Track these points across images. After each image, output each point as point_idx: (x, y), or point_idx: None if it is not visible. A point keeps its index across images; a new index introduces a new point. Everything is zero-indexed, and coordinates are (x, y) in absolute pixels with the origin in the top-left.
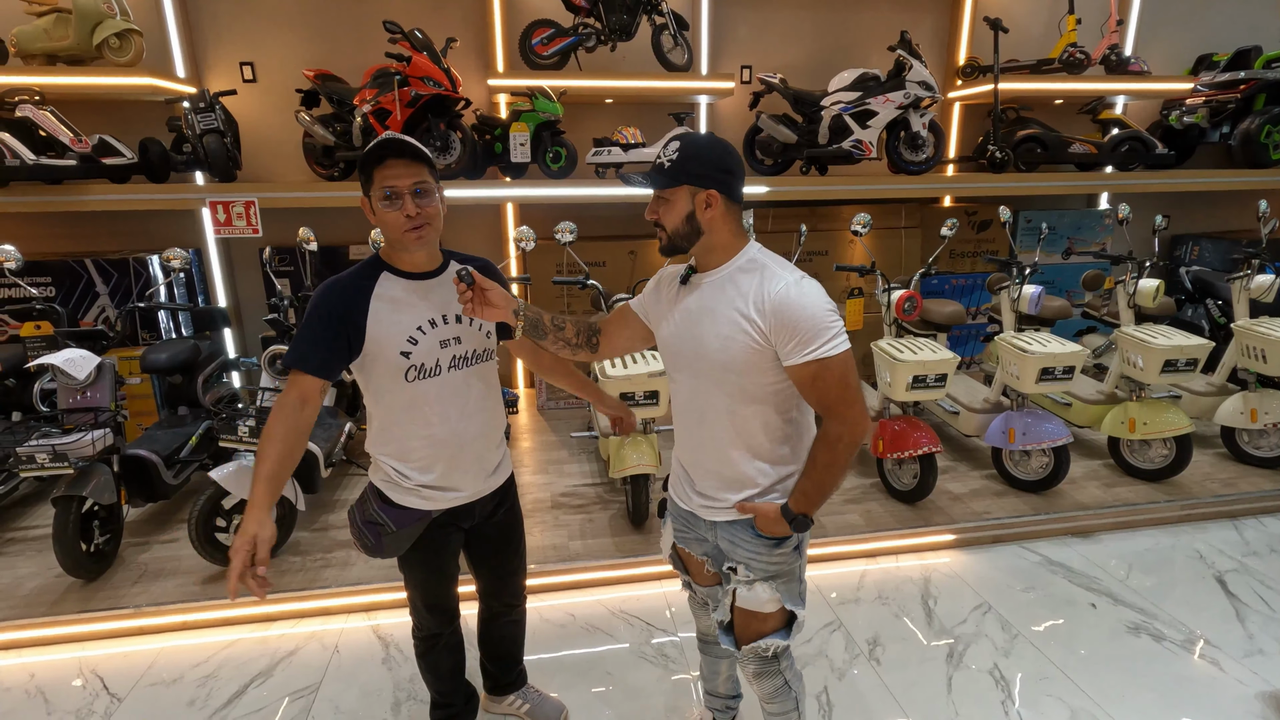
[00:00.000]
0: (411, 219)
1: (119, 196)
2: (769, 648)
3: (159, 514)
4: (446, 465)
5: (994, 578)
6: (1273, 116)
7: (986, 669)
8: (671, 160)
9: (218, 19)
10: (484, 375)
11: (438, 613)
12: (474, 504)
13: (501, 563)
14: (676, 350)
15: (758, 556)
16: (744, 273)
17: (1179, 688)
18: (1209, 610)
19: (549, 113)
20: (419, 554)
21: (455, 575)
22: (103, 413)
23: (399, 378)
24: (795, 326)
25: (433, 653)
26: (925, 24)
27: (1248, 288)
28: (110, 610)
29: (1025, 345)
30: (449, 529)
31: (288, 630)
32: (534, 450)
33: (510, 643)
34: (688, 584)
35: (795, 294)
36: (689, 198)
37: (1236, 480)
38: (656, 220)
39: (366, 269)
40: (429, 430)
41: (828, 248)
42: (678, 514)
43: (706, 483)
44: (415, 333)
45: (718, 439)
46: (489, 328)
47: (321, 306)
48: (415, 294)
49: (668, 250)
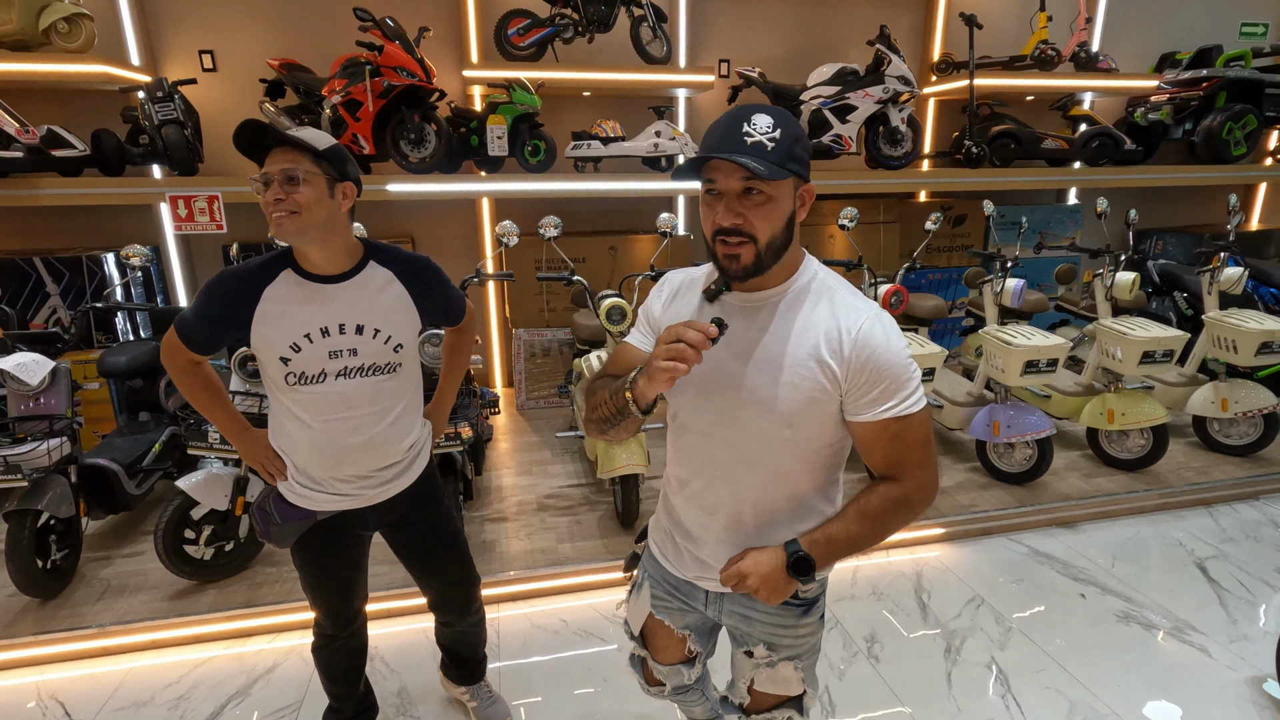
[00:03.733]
0: (279, 203)
1: (70, 191)
2: (781, 717)
3: (120, 526)
4: (325, 471)
5: (984, 570)
6: (1234, 114)
7: (984, 663)
8: (776, 141)
9: (175, 4)
10: (382, 388)
11: (329, 614)
12: (365, 511)
13: (437, 568)
14: (702, 387)
15: (783, 632)
16: (810, 295)
17: (1171, 675)
18: (1193, 597)
19: (527, 105)
20: (308, 553)
21: (352, 581)
22: (58, 420)
23: (281, 379)
24: (880, 375)
25: (326, 650)
26: (902, 19)
27: (1217, 280)
28: (71, 630)
29: (1009, 339)
30: (341, 534)
31: (265, 646)
32: (515, 451)
33: (464, 646)
34: (640, 661)
35: (881, 334)
36: (792, 194)
37: (1209, 469)
38: (739, 226)
39: (268, 265)
40: (307, 434)
41: (808, 242)
42: (661, 579)
43: (720, 551)
44: (300, 340)
45: (751, 507)
46: (398, 341)
47: (212, 295)
48: (309, 298)
49: (749, 272)
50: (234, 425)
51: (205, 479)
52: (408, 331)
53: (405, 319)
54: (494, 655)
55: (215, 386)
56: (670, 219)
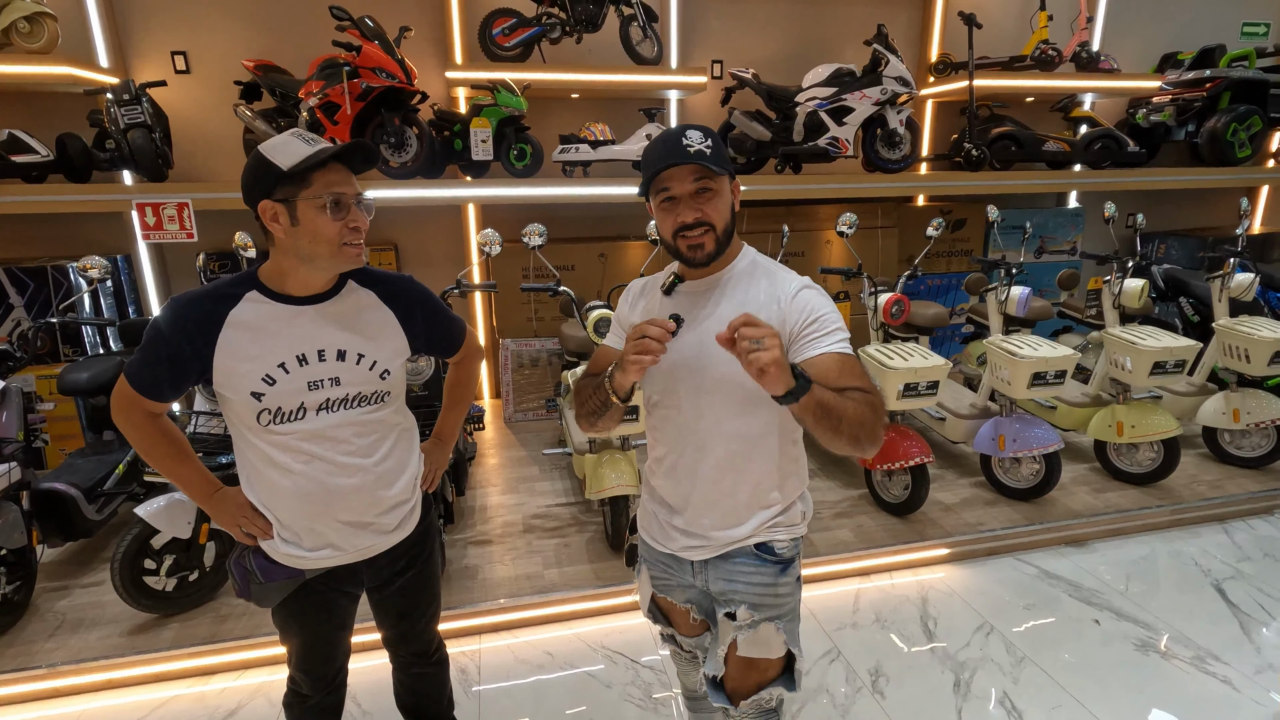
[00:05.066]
0: (357, 232)
1: (34, 198)
2: (772, 698)
3: (79, 554)
4: (311, 520)
5: (993, 593)
6: (1238, 115)
7: (997, 698)
8: (710, 148)
9: (146, 4)
10: (369, 421)
11: (310, 678)
12: (360, 565)
13: (407, 628)
14: (671, 367)
15: (761, 590)
16: (750, 275)
17: (1196, 710)
18: (1212, 623)
19: (512, 107)
20: (292, 616)
21: (338, 644)
22: (8, 444)
23: (251, 419)
24: (819, 318)
25: (298, 709)
26: (899, 19)
27: (1228, 286)
28: (21, 671)
29: (1016, 349)
30: (330, 594)
31: (230, 684)
32: (502, 467)
33: (428, 698)
34: (670, 637)
35: (811, 294)
36: (729, 188)
37: (1223, 482)
38: (700, 219)
39: (229, 287)
40: (289, 480)
41: (804, 249)
42: (655, 560)
43: (697, 519)
44: (275, 370)
45: (722, 463)
46: (384, 367)
47: (164, 328)
48: (285, 322)
49: (711, 258)
50: (205, 486)
51: (167, 505)
52: (395, 357)
53: (391, 343)
54: (474, 698)
55: (179, 441)
56: None
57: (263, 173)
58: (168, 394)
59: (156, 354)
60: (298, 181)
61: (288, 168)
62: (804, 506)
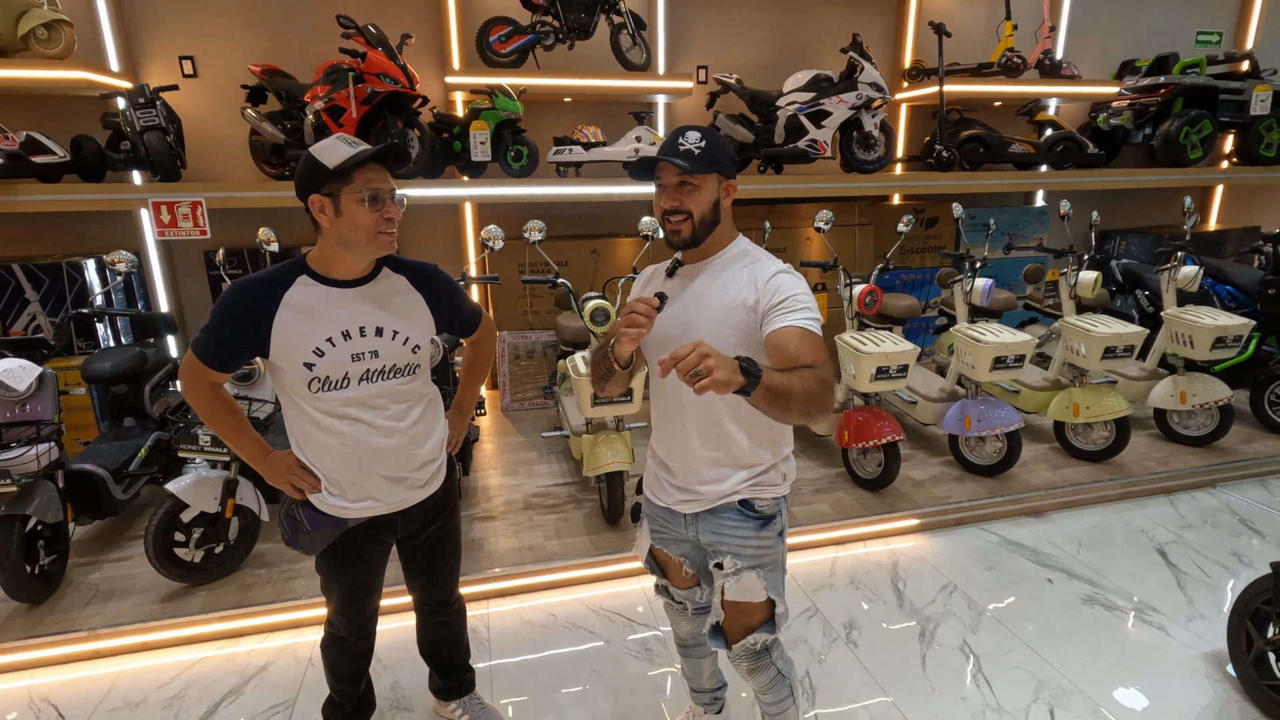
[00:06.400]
0: (391, 222)
1: (53, 197)
2: (758, 642)
3: (106, 532)
4: (355, 476)
5: (957, 559)
6: (1190, 119)
7: (956, 646)
8: (700, 148)
9: (155, 11)
10: (403, 390)
11: (348, 620)
12: (395, 516)
13: (433, 576)
14: (664, 338)
15: (744, 542)
16: (737, 261)
17: (1132, 653)
18: (1153, 580)
19: (510, 111)
20: (334, 562)
21: (373, 590)
22: (46, 426)
23: (303, 388)
24: (788, 298)
25: (335, 650)
26: (875, 27)
27: (1175, 278)
28: (63, 634)
29: (979, 336)
30: (369, 543)
31: (257, 645)
32: (501, 452)
33: (448, 647)
34: (664, 588)
35: (785, 277)
36: (716, 185)
37: (1170, 459)
38: (678, 208)
39: (282, 273)
40: (336, 440)
41: (785, 245)
42: (654, 514)
43: (687, 475)
44: (323, 344)
45: (701, 425)
46: (415, 343)
47: (228, 308)
48: (331, 303)
49: (689, 243)
50: (259, 450)
51: (195, 482)
52: (424, 335)
53: (420, 322)
54: (485, 652)
55: (236, 410)
56: (652, 222)
57: (312, 171)
58: (229, 365)
59: (221, 330)
60: (341, 178)
61: (333, 166)
62: (785, 469)
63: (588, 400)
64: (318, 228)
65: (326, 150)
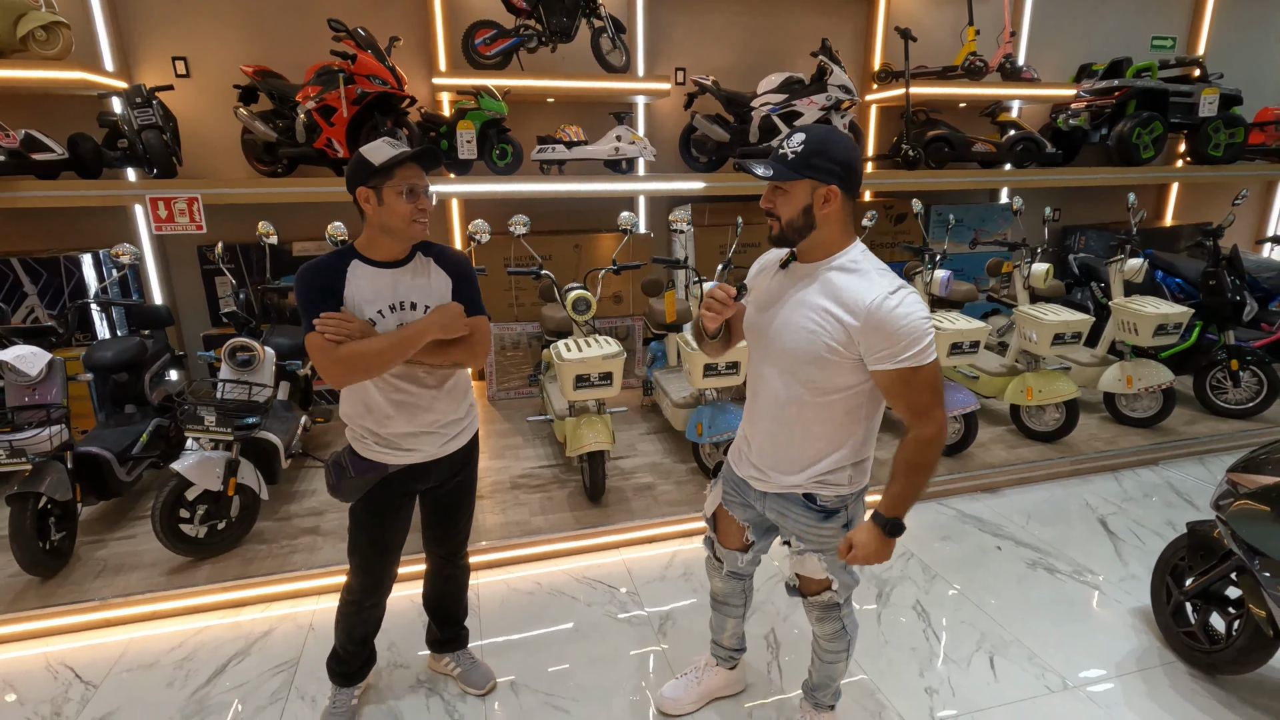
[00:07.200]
0: (424, 212)
1: (52, 194)
2: (829, 598)
3: (110, 513)
4: (402, 426)
5: (916, 530)
6: (1142, 120)
7: (910, 605)
8: (796, 152)
9: (149, 14)
10: None
11: (368, 578)
12: (430, 466)
13: (452, 524)
14: (759, 329)
15: (806, 529)
16: (843, 272)
17: (1068, 609)
18: (1093, 546)
19: (495, 111)
20: (367, 510)
21: (393, 547)
22: (56, 409)
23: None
24: (890, 336)
25: (351, 614)
26: (846, 31)
27: (1122, 270)
28: (75, 604)
29: (937, 324)
30: (402, 496)
31: (259, 615)
32: (489, 437)
33: (451, 600)
34: (710, 541)
35: (892, 303)
36: (809, 191)
37: (1117, 439)
38: (769, 210)
39: (337, 258)
40: (383, 396)
41: (759, 240)
42: (730, 478)
43: (761, 456)
44: (376, 315)
45: (781, 416)
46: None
47: (310, 281)
48: (381, 281)
49: (778, 240)
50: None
51: (199, 462)
52: None
53: (448, 299)
54: (474, 616)
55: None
56: (631, 218)
57: (360, 167)
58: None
59: (312, 296)
60: (384, 174)
61: (378, 164)
62: (855, 472)
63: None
64: (363, 216)
65: (374, 150)
